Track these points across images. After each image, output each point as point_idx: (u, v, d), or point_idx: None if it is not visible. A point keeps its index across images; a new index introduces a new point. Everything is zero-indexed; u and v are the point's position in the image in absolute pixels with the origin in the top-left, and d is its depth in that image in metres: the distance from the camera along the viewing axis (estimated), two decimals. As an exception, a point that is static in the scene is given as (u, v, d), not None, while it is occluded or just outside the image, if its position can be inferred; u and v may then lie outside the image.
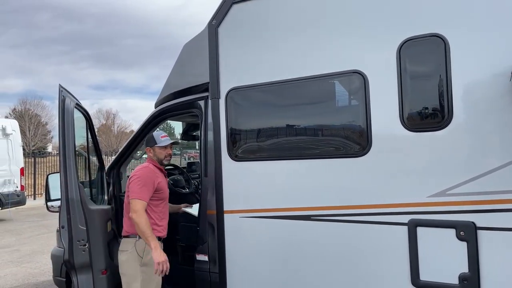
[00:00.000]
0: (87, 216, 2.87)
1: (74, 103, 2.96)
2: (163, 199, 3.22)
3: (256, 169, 2.92)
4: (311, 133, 2.76)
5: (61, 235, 2.83)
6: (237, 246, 3.01)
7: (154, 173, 3.14)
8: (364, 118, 2.53)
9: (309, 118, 2.79)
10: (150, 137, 3.32)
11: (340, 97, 2.70)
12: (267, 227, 2.87)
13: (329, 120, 2.72)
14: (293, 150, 2.80)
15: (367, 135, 2.52)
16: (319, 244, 2.68)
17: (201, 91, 3.32)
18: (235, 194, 3.01)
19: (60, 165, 2.79)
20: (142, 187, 3.00)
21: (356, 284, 2.56)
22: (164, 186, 3.24)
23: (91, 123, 3.43)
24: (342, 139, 2.65)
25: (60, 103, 2.78)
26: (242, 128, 3.02)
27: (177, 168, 4.60)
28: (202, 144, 3.33)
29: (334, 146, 2.67)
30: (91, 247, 2.88)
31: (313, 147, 2.74)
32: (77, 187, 2.83)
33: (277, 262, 2.84)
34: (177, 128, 34.28)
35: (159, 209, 3.20)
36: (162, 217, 3.24)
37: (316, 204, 2.69)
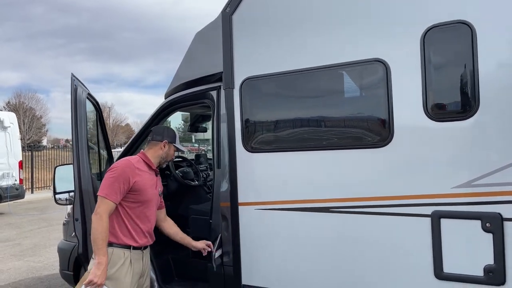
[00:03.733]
0: (100, 208, 2.80)
1: (86, 93, 2.88)
2: (141, 202, 2.69)
3: (273, 161, 2.87)
4: (330, 124, 2.71)
5: (74, 228, 2.77)
6: (252, 239, 2.96)
7: (133, 169, 2.65)
8: (386, 107, 2.48)
9: (328, 108, 2.73)
10: (171, 132, 2.96)
11: (361, 87, 2.64)
12: (284, 219, 2.82)
13: (349, 110, 2.66)
14: (311, 141, 2.74)
15: (389, 125, 2.47)
16: (338, 237, 2.63)
17: (214, 81, 3.25)
18: (250, 186, 2.95)
19: (73, 156, 2.72)
20: (112, 183, 2.56)
21: (378, 278, 2.52)
22: (143, 186, 2.68)
23: (101, 114, 3.36)
24: (362, 129, 2.59)
25: (73, 93, 2.71)
26: (258, 119, 2.96)
27: (186, 160, 4.54)
28: (214, 135, 3.26)
29: (354, 136, 2.61)
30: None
31: (332, 137, 2.68)
32: (91, 178, 2.76)
33: (294, 255, 2.80)
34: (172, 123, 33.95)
35: (136, 213, 2.69)
36: (141, 222, 2.72)
37: (335, 196, 2.64)
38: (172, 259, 3.94)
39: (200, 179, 4.30)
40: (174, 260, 3.94)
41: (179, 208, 4.24)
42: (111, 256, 2.55)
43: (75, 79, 2.77)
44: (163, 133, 2.90)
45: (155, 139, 2.88)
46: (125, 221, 2.63)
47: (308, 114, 2.78)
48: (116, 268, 2.55)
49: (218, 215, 3.20)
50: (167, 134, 2.91)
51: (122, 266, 2.58)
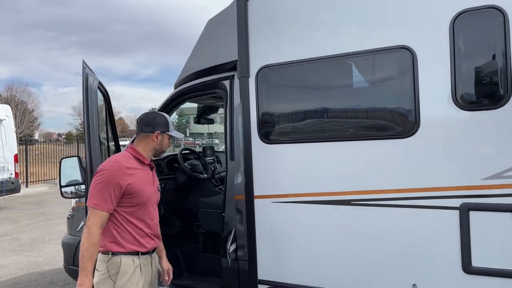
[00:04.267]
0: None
1: (97, 81, 2.76)
2: (139, 204, 2.37)
3: (291, 152, 2.77)
4: (352, 114, 2.62)
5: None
6: (269, 233, 2.87)
7: (123, 171, 2.29)
8: (412, 96, 2.39)
9: (351, 97, 2.64)
10: (162, 119, 2.54)
11: (386, 75, 2.55)
12: (302, 212, 2.73)
13: (372, 99, 2.57)
14: (331, 132, 2.65)
15: (415, 115, 2.38)
16: (361, 231, 2.56)
17: (227, 70, 3.14)
18: (267, 179, 2.86)
19: (85, 146, 2.60)
20: (101, 191, 2.21)
21: (403, 273, 2.45)
22: (138, 187, 2.34)
23: (110, 104, 3.23)
24: (386, 119, 2.51)
25: (84, 81, 2.58)
26: (275, 109, 2.86)
27: (193, 153, 4.44)
28: (227, 126, 3.16)
29: (377, 126, 2.53)
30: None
31: (355, 128, 2.59)
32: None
33: (313, 249, 2.72)
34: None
35: (136, 216, 2.37)
36: (144, 226, 2.42)
37: (357, 188, 2.56)
38: (181, 252, 3.86)
39: (208, 171, 4.20)
40: (183, 254, 3.85)
41: (187, 201, 4.15)
42: (121, 266, 2.31)
43: (86, 66, 2.64)
44: (153, 122, 2.49)
45: (145, 130, 2.48)
46: (127, 227, 2.33)
47: (328, 104, 2.69)
48: (127, 278, 2.32)
49: (232, 209, 3.11)
50: (158, 123, 2.50)
51: (133, 274, 2.34)
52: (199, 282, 3.55)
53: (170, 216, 4.11)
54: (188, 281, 3.60)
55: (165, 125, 2.53)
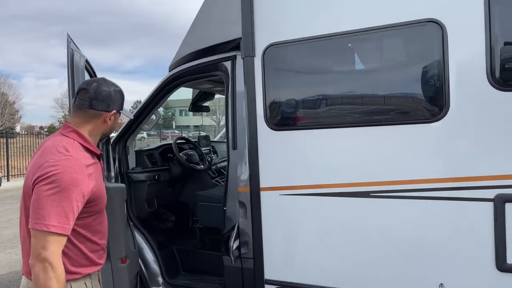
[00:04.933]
0: (103, 195, 2.40)
1: (84, 59, 2.43)
2: (98, 212, 1.83)
3: (302, 139, 2.51)
4: (372, 96, 2.36)
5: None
6: (277, 228, 2.61)
7: (84, 172, 1.66)
8: (441, 76, 2.14)
9: (371, 78, 2.38)
10: (119, 92, 1.90)
11: (411, 52, 2.29)
12: (315, 205, 2.48)
13: (395, 80, 2.32)
14: (348, 116, 2.39)
15: (444, 96, 2.14)
16: (381, 225, 2.31)
17: (228, 50, 2.85)
18: (275, 169, 2.59)
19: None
20: (60, 204, 1.56)
21: (429, 272, 2.22)
22: (101, 190, 1.81)
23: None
24: (411, 101, 2.26)
25: (69, 58, 2.25)
26: (284, 92, 2.59)
27: (189, 142, 4.14)
28: (228, 113, 2.88)
29: (401, 110, 2.28)
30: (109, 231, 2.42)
31: (375, 112, 2.34)
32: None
33: (327, 246, 2.47)
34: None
35: (92, 227, 1.80)
36: (98, 237, 1.86)
37: (377, 179, 2.31)
38: (177, 250, 3.58)
39: (205, 162, 3.92)
40: (179, 252, 3.58)
41: (183, 194, 3.87)
42: None
43: (71, 41, 2.30)
44: (108, 97, 1.81)
45: (97, 107, 1.79)
46: (79, 246, 1.73)
47: (345, 86, 2.43)
48: None
49: (234, 202, 2.84)
50: (116, 98, 1.86)
51: None
52: (197, 282, 3.29)
53: (164, 210, 3.82)
54: (185, 280, 3.34)
55: (122, 101, 1.92)
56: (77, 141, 1.75)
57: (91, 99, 1.78)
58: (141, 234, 3.39)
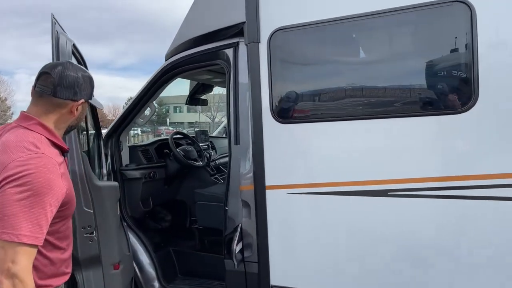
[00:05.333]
0: (94, 194, 2.17)
1: (71, 44, 2.19)
2: (68, 217, 1.62)
3: (313, 133, 2.29)
4: (390, 85, 2.15)
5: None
6: (285, 230, 2.40)
7: (57, 172, 1.44)
8: (468, 62, 1.93)
9: (388, 65, 2.17)
10: (87, 78, 1.64)
11: (435, 36, 2.07)
12: (328, 205, 2.27)
13: (417, 67, 2.09)
14: (365, 108, 2.18)
15: (472, 84, 1.93)
16: (401, 227, 2.11)
17: (230, 36, 2.62)
18: (282, 165, 2.38)
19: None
20: (32, 210, 1.33)
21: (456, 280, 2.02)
22: (72, 192, 1.59)
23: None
24: (434, 90, 2.05)
25: (54, 42, 2.01)
26: (293, 81, 2.37)
27: (186, 137, 3.90)
28: (231, 104, 2.65)
29: (422, 100, 2.07)
30: (100, 235, 2.20)
31: (393, 102, 2.13)
32: (80, 156, 2.11)
33: (340, 250, 2.26)
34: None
35: (60, 233, 1.59)
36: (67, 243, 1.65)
37: (396, 176, 2.10)
38: (174, 252, 3.36)
39: (204, 159, 3.69)
40: (176, 254, 3.36)
41: (180, 192, 3.65)
42: None
43: (56, 22, 2.06)
44: (75, 83, 1.56)
45: (62, 95, 1.54)
46: (49, 256, 1.54)
47: (361, 74, 2.21)
48: None
49: (236, 201, 2.62)
50: (83, 86, 1.59)
51: None
52: (196, 287, 3.07)
53: (161, 210, 3.60)
54: (183, 285, 3.12)
55: (91, 89, 1.66)
56: (44, 136, 1.50)
57: (55, 85, 1.52)
58: (136, 236, 3.17)
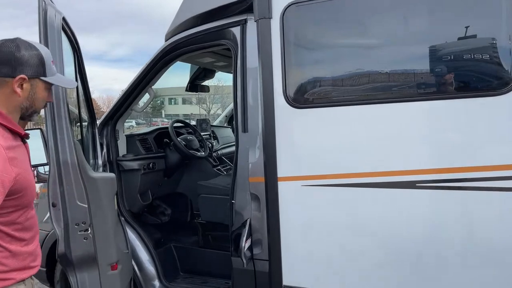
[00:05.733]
0: (88, 187, 1.94)
1: (60, 17, 1.94)
2: (26, 206, 1.48)
3: (332, 118, 2.07)
4: (419, 64, 1.92)
5: (51, 218, 1.90)
6: (299, 225, 2.19)
7: (4, 156, 1.33)
8: (506, 38, 1.72)
9: (417, 43, 1.94)
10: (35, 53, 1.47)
11: (470, 9, 1.85)
12: (347, 199, 2.06)
13: (448, 44, 1.87)
14: (390, 90, 1.96)
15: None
16: (432, 223, 1.90)
17: (236, 13, 2.38)
18: (296, 155, 2.16)
19: (46, 114, 1.82)
20: None
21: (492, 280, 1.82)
22: (27, 179, 1.44)
23: (80, 54, 2.40)
24: (469, 70, 1.84)
25: (41, 15, 1.77)
26: (309, 61, 2.15)
27: (187, 126, 3.67)
28: (238, 88, 2.42)
29: (456, 81, 1.85)
30: (96, 232, 1.97)
31: (423, 84, 1.91)
32: (73, 145, 1.88)
33: (361, 248, 2.05)
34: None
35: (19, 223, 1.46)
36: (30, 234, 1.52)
37: (427, 166, 1.89)
38: (175, 248, 3.15)
39: (206, 149, 3.47)
40: (178, 250, 3.15)
41: (181, 185, 3.43)
42: None
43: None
44: (12, 58, 1.41)
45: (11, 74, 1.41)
46: (8, 248, 1.42)
47: (386, 52, 1.99)
48: None
49: (244, 194, 2.40)
50: (23, 60, 1.43)
51: None
52: (200, 286, 2.86)
53: (160, 203, 3.37)
54: (186, 284, 2.91)
55: (39, 65, 1.46)
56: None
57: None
58: (134, 231, 2.95)
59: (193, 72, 3.61)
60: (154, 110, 45.66)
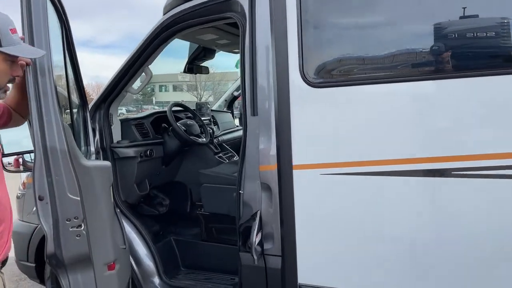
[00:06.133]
0: (81, 177, 1.69)
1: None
2: None
3: (355, 98, 1.84)
4: (463, 33, 1.69)
5: (38, 213, 1.65)
6: (317, 217, 1.98)
7: None
8: None
9: (459, 14, 1.70)
10: None
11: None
12: (373, 189, 1.84)
13: (498, 10, 1.65)
14: (429, 65, 1.73)
15: None
16: (472, 216, 1.70)
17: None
18: (315, 139, 1.94)
19: (29, 94, 1.55)
20: None
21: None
22: None
23: (69, 28, 2.13)
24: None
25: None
26: (330, 32, 1.90)
27: (187, 110, 3.41)
28: (246, 66, 2.17)
29: (505, 54, 1.63)
30: (90, 228, 1.73)
31: (466, 57, 1.69)
32: (62, 130, 1.62)
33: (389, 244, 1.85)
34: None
35: None
36: None
37: (465, 152, 1.68)
38: (175, 242, 2.93)
39: (207, 135, 3.22)
40: (178, 244, 2.92)
41: (181, 174, 3.19)
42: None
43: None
44: None
45: None
46: None
47: (423, 19, 1.74)
48: None
49: (254, 184, 2.17)
50: None
51: None
52: (203, 282, 2.65)
53: (159, 193, 3.14)
54: (188, 280, 2.69)
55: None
56: None
57: None
58: (131, 224, 2.72)
59: (192, 52, 3.34)
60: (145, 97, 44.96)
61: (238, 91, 4.36)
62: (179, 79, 42.40)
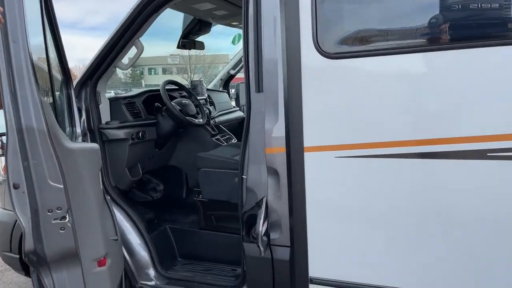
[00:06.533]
0: (64, 162, 1.46)
1: None
2: None
3: (376, 71, 1.63)
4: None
5: (12, 203, 1.42)
6: (331, 205, 1.79)
7: None
8: None
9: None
10: None
11: None
12: (396, 172, 1.65)
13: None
14: (457, 32, 1.52)
15: None
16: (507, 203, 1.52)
17: None
18: (329, 118, 1.73)
19: (1, 70, 1.31)
20: None
21: None
22: None
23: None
24: None
25: None
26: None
27: (182, 89, 3.15)
28: (249, 38, 1.92)
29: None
30: (76, 219, 1.51)
31: (498, 24, 1.48)
32: (39, 107, 1.38)
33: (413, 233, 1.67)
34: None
35: None
36: None
37: (501, 130, 1.49)
38: (171, 230, 2.72)
39: (204, 115, 2.99)
40: (174, 232, 2.72)
41: (175, 157, 2.97)
42: None
43: None
44: None
45: None
46: None
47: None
48: None
49: (259, 168, 1.96)
50: None
51: None
52: (202, 274, 2.46)
53: (151, 178, 2.92)
54: (186, 272, 2.50)
55: None
56: None
57: None
58: (123, 212, 2.51)
59: (186, 25, 3.08)
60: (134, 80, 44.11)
61: (234, 69, 4.11)
62: (169, 61, 41.72)
